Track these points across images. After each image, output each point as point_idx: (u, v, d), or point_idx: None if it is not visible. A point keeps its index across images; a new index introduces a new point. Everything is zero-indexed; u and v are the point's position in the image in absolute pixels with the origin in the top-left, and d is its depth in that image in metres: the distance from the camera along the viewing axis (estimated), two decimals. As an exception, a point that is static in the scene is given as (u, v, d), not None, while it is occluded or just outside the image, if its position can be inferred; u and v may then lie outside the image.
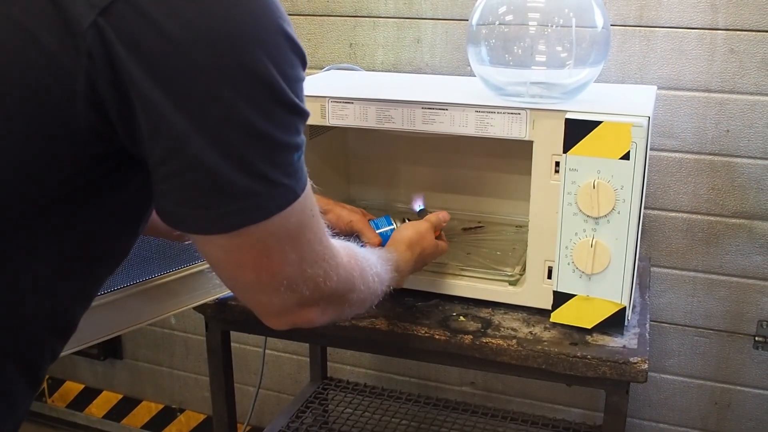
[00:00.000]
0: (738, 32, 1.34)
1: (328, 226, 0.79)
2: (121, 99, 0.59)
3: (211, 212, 0.62)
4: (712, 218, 1.45)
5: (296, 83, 0.64)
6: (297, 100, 0.64)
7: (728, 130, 1.39)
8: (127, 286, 1.02)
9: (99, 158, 0.62)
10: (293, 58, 0.63)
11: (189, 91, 0.59)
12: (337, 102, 1.16)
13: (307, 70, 0.67)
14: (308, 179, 0.69)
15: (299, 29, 1.60)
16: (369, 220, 1.16)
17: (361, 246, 0.96)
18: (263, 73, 0.60)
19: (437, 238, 1.14)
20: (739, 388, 1.53)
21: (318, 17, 1.60)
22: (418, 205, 1.38)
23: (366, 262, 0.87)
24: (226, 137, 0.60)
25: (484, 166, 1.45)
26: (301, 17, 1.61)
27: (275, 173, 0.63)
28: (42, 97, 0.58)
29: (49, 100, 0.58)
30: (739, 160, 1.40)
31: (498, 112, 1.08)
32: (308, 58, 0.66)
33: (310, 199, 0.69)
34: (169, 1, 0.57)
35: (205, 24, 0.58)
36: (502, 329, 1.10)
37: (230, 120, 0.60)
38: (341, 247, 0.80)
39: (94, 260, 0.71)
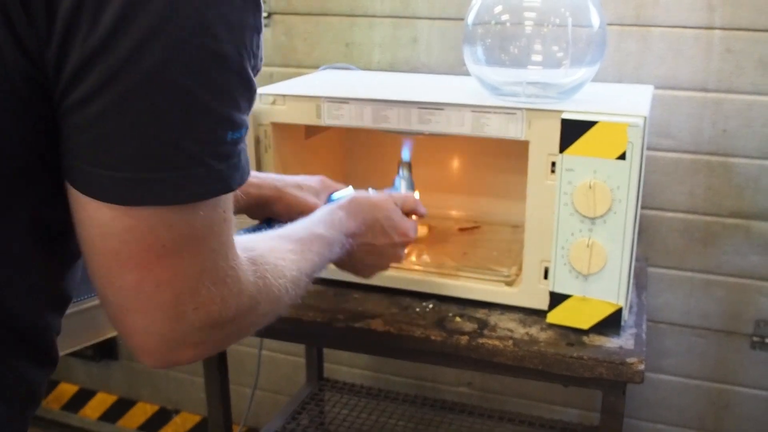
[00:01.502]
0: (735, 32, 1.34)
1: (272, 219, 0.71)
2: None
3: (114, 174, 0.52)
4: (709, 218, 1.44)
5: (251, 33, 0.55)
6: (245, 68, 0.55)
7: (725, 130, 1.39)
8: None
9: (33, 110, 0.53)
10: (241, 13, 0.54)
11: (122, 42, 0.50)
12: (333, 102, 1.15)
13: (303, 70, 0.63)
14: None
15: (295, 29, 1.59)
16: (329, 193, 1.10)
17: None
18: (204, 34, 0.52)
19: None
20: (736, 388, 1.53)
21: (314, 16, 1.59)
22: (404, 154, 1.27)
23: (276, 269, 0.69)
24: (154, 95, 0.51)
25: (480, 166, 1.44)
26: (297, 16, 1.60)
27: (202, 152, 0.54)
28: None
29: None
30: (736, 159, 1.40)
31: (494, 112, 1.08)
32: (305, 58, 0.63)
33: (228, 202, 0.59)
34: None
35: None
36: (499, 330, 1.09)
37: (161, 79, 0.51)
38: (249, 257, 0.65)
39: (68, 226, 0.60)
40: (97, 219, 0.54)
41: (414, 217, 1.09)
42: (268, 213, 1.06)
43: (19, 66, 0.51)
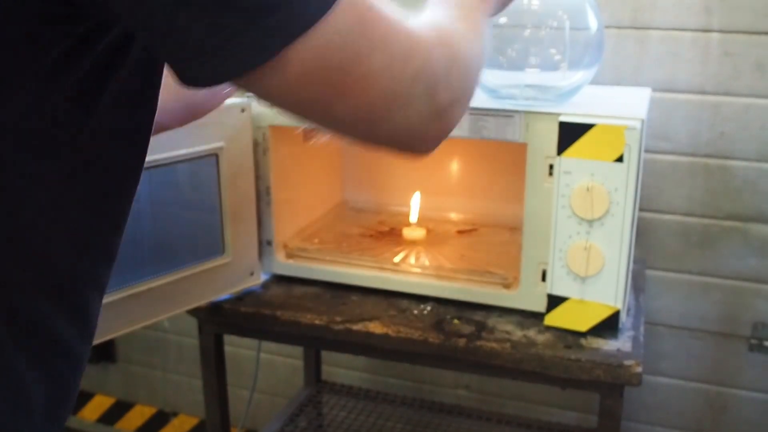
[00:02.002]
0: (732, 34, 1.34)
1: None
2: None
3: (237, 40, 0.48)
4: (706, 221, 1.45)
5: None
6: None
7: (723, 133, 1.39)
8: (120, 289, 1.02)
9: (73, 36, 0.50)
10: None
11: None
12: (331, 104, 1.15)
13: None
14: None
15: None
16: None
17: None
18: None
19: None
20: (734, 390, 1.53)
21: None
22: None
23: (453, 25, 0.65)
24: None
25: (478, 169, 1.44)
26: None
27: None
28: None
29: None
30: (733, 162, 1.40)
31: (492, 115, 1.08)
32: None
33: None
34: None
35: None
36: (496, 332, 1.09)
37: None
38: (423, 24, 0.61)
39: (107, 166, 0.58)
40: (268, 88, 0.52)
41: None
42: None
43: None
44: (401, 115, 0.57)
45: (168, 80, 0.58)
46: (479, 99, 1.13)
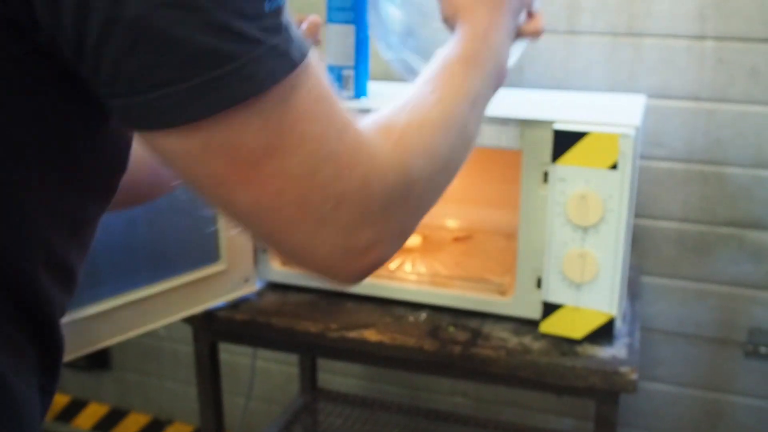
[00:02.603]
0: (727, 41, 1.35)
1: None
2: None
3: (164, 91, 0.44)
4: (702, 227, 1.45)
5: None
6: None
7: (718, 139, 1.39)
8: (115, 296, 1.02)
9: (19, 62, 0.46)
10: None
11: None
12: (326, 111, 1.15)
13: None
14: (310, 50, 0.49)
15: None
16: None
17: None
18: None
19: None
20: (730, 397, 1.53)
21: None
22: None
23: (417, 122, 0.57)
24: None
25: (473, 176, 1.44)
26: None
27: (248, 26, 0.44)
28: None
29: None
30: (729, 169, 1.40)
31: (486, 122, 1.08)
32: None
33: (314, 79, 0.49)
34: None
35: None
36: (492, 339, 1.09)
37: None
38: (375, 126, 0.55)
39: (81, 187, 0.54)
40: (177, 151, 0.47)
41: None
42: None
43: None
44: (308, 236, 0.50)
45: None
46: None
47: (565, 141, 1.00)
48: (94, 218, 0.58)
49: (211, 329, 1.20)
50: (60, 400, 2.23)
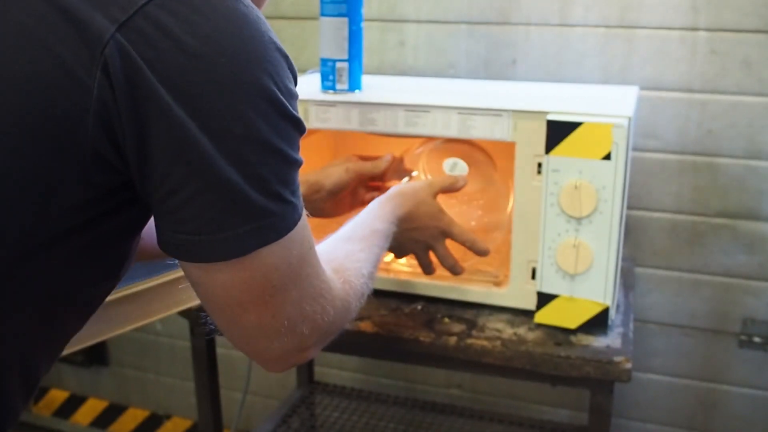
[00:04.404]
0: (719, 33, 1.35)
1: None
2: (136, 118, 0.57)
3: (228, 233, 0.60)
4: (695, 218, 1.45)
5: (294, 99, 0.64)
6: (297, 115, 0.64)
7: (710, 131, 1.40)
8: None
9: (100, 191, 0.60)
10: (289, 74, 0.63)
11: (211, 108, 0.58)
12: (320, 105, 1.16)
13: None
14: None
15: (283, 33, 1.59)
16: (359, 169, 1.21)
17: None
18: (271, 89, 0.60)
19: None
20: (724, 387, 1.53)
21: (301, 20, 1.60)
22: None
23: (355, 271, 0.82)
24: (247, 155, 0.59)
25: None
26: (285, 20, 1.61)
27: (285, 192, 0.63)
28: (49, 110, 0.56)
29: (55, 113, 0.56)
30: (721, 160, 1.41)
31: (480, 114, 1.08)
32: (292, 61, 0.66)
33: (307, 230, 0.68)
34: (187, 17, 0.57)
35: (223, 39, 0.58)
36: (487, 330, 1.10)
37: (250, 138, 0.59)
38: (332, 267, 0.77)
39: (71, 306, 0.68)
40: (217, 279, 0.63)
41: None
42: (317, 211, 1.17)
43: (97, 139, 0.58)
44: (280, 342, 0.68)
45: None
46: (468, 98, 1.14)
47: (558, 131, 1.01)
48: (71, 335, 0.72)
49: (208, 323, 1.21)
50: (58, 396, 2.24)
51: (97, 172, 0.59)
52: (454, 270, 1.12)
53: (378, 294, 1.20)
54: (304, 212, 0.67)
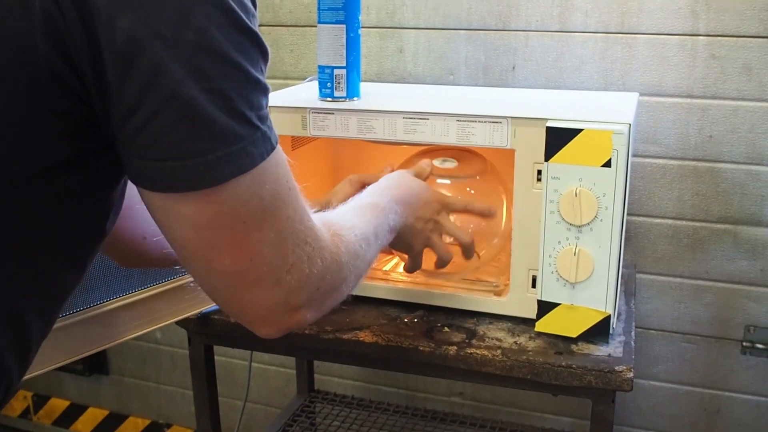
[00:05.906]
0: (719, 38, 1.35)
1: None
2: (84, 30, 0.53)
3: (196, 160, 0.56)
4: (697, 224, 1.45)
5: (250, 15, 0.60)
6: (256, 30, 0.60)
7: (711, 136, 1.39)
8: (110, 300, 1.01)
9: (67, 125, 0.57)
10: None
11: (159, 15, 0.54)
12: (318, 113, 1.15)
13: (290, 81, 0.66)
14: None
15: (282, 40, 1.59)
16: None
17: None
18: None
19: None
20: (727, 393, 1.52)
21: (300, 28, 1.59)
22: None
23: (347, 230, 0.77)
24: (202, 65, 0.55)
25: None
26: (284, 28, 1.60)
27: (251, 114, 0.58)
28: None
29: (4, 35, 0.53)
30: (722, 165, 1.40)
31: (479, 121, 1.08)
32: (291, 69, 0.66)
33: (284, 168, 0.64)
34: None
35: None
36: (487, 339, 1.09)
37: (203, 46, 0.55)
38: (320, 219, 0.72)
39: (57, 257, 0.64)
40: (183, 213, 0.59)
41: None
42: None
43: (51, 59, 0.54)
44: (263, 293, 0.64)
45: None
46: (467, 105, 1.13)
47: (558, 138, 1.00)
48: (68, 292, 0.68)
49: (206, 332, 1.20)
50: (59, 405, 2.23)
51: (58, 97, 0.55)
52: (469, 249, 1.10)
53: (377, 303, 1.20)
54: (280, 148, 0.63)
